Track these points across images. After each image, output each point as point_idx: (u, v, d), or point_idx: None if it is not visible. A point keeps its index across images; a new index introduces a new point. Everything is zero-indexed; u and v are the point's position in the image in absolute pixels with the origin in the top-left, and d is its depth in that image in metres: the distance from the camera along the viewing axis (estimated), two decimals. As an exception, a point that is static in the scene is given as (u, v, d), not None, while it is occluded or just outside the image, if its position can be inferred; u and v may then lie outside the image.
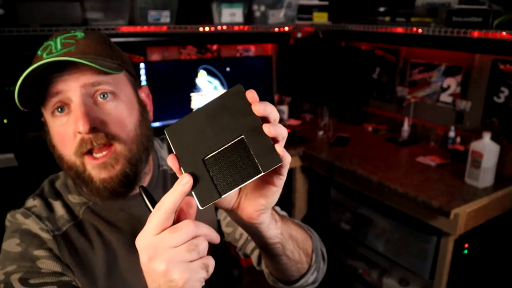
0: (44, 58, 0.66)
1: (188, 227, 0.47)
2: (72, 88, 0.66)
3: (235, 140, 0.46)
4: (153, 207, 0.52)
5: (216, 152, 0.47)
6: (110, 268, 0.74)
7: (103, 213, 0.77)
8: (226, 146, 0.47)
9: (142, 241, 0.48)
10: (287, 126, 2.43)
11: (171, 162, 0.48)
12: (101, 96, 0.68)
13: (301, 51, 2.53)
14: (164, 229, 0.47)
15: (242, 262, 2.24)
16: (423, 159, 1.87)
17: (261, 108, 0.45)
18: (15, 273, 0.66)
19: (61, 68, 0.65)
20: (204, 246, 0.48)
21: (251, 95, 0.46)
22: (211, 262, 0.49)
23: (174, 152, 0.49)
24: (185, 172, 0.48)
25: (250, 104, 0.46)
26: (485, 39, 1.62)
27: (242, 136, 0.46)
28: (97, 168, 0.68)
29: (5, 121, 1.74)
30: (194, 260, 0.47)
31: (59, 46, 0.68)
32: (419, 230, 1.64)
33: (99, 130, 0.67)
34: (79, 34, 0.71)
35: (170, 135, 0.49)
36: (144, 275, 0.49)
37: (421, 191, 1.53)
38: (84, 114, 0.65)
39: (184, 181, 0.46)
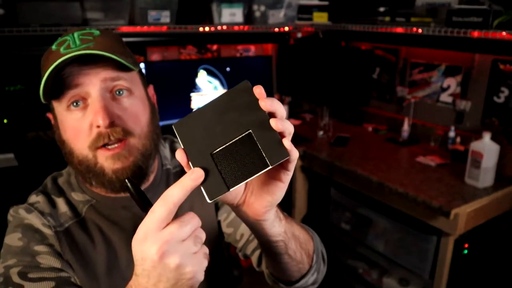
0: (62, 52, 0.66)
1: (194, 219, 0.48)
2: (92, 82, 0.67)
3: (243, 134, 0.47)
4: (143, 200, 0.52)
5: (224, 146, 0.47)
6: (111, 266, 0.75)
7: (106, 212, 0.77)
8: (234, 140, 0.47)
9: (147, 237, 0.46)
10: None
11: (180, 156, 0.48)
12: (117, 92, 0.70)
13: (301, 51, 2.53)
14: (168, 224, 0.46)
15: (242, 262, 2.24)
16: (423, 159, 1.87)
17: (268, 103, 0.46)
18: (15, 266, 0.67)
19: (80, 63, 0.66)
20: (204, 237, 0.49)
21: (259, 91, 0.46)
22: (207, 250, 0.50)
23: (182, 147, 0.49)
24: (193, 166, 0.48)
25: (257, 100, 0.46)
26: (485, 39, 1.62)
27: (250, 130, 0.47)
28: (111, 159, 0.69)
29: (5, 121, 1.74)
30: (198, 251, 0.48)
31: (77, 42, 0.68)
32: (419, 230, 1.64)
33: (116, 124, 0.68)
34: (95, 32, 0.72)
35: (178, 130, 0.50)
36: (141, 270, 0.47)
37: (421, 191, 1.53)
38: (104, 108, 0.66)
39: (196, 175, 0.46)
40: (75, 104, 0.68)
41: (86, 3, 1.76)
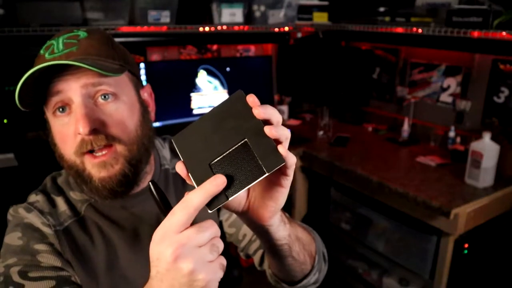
0: (46, 58, 0.66)
1: (213, 227, 0.48)
2: (73, 88, 0.66)
3: (239, 143, 0.48)
4: (164, 203, 0.52)
5: (222, 156, 0.48)
6: (110, 264, 0.75)
7: (105, 211, 0.77)
8: (230, 150, 0.48)
9: (165, 238, 0.46)
10: (287, 126, 2.43)
11: (180, 169, 0.49)
12: (102, 97, 0.68)
13: (301, 51, 2.53)
14: (186, 228, 0.46)
15: (242, 262, 2.23)
16: (423, 159, 1.87)
17: (261, 111, 0.46)
18: (15, 266, 0.67)
19: (62, 68, 0.66)
20: (222, 247, 0.49)
21: (252, 99, 0.47)
22: (225, 262, 0.50)
23: (182, 160, 0.50)
24: (193, 177, 0.49)
25: (251, 108, 0.47)
26: (485, 39, 1.62)
27: (245, 139, 0.48)
28: (96, 167, 0.68)
29: (5, 121, 1.74)
30: (214, 260, 0.48)
31: (61, 46, 0.68)
32: (419, 230, 1.64)
33: (99, 131, 0.67)
34: (82, 34, 0.70)
35: (177, 143, 0.51)
36: (155, 273, 0.48)
37: (421, 191, 1.53)
38: (84, 115, 0.65)
39: (218, 181, 0.46)
40: (61, 110, 0.67)
41: (86, 3, 1.76)
